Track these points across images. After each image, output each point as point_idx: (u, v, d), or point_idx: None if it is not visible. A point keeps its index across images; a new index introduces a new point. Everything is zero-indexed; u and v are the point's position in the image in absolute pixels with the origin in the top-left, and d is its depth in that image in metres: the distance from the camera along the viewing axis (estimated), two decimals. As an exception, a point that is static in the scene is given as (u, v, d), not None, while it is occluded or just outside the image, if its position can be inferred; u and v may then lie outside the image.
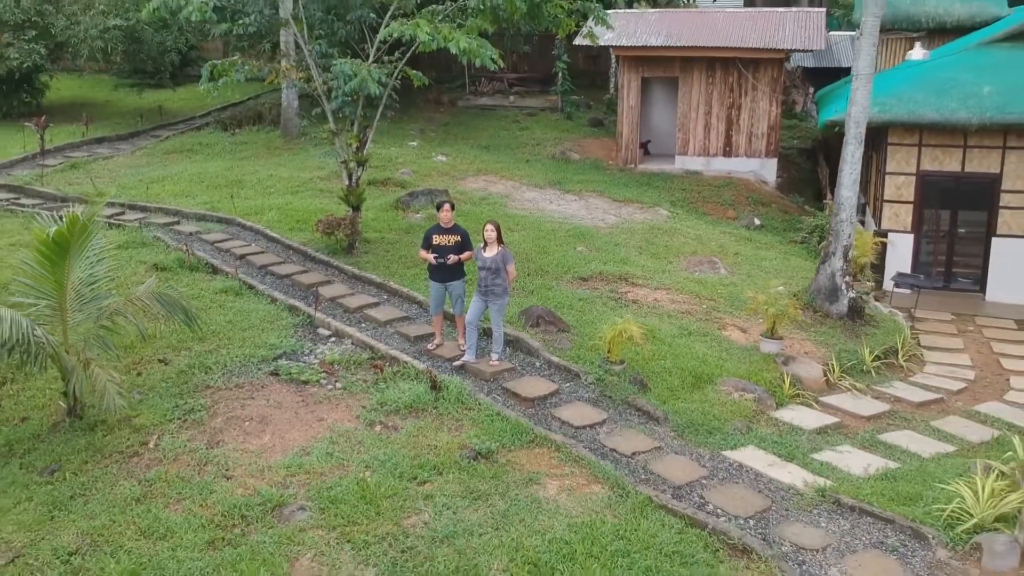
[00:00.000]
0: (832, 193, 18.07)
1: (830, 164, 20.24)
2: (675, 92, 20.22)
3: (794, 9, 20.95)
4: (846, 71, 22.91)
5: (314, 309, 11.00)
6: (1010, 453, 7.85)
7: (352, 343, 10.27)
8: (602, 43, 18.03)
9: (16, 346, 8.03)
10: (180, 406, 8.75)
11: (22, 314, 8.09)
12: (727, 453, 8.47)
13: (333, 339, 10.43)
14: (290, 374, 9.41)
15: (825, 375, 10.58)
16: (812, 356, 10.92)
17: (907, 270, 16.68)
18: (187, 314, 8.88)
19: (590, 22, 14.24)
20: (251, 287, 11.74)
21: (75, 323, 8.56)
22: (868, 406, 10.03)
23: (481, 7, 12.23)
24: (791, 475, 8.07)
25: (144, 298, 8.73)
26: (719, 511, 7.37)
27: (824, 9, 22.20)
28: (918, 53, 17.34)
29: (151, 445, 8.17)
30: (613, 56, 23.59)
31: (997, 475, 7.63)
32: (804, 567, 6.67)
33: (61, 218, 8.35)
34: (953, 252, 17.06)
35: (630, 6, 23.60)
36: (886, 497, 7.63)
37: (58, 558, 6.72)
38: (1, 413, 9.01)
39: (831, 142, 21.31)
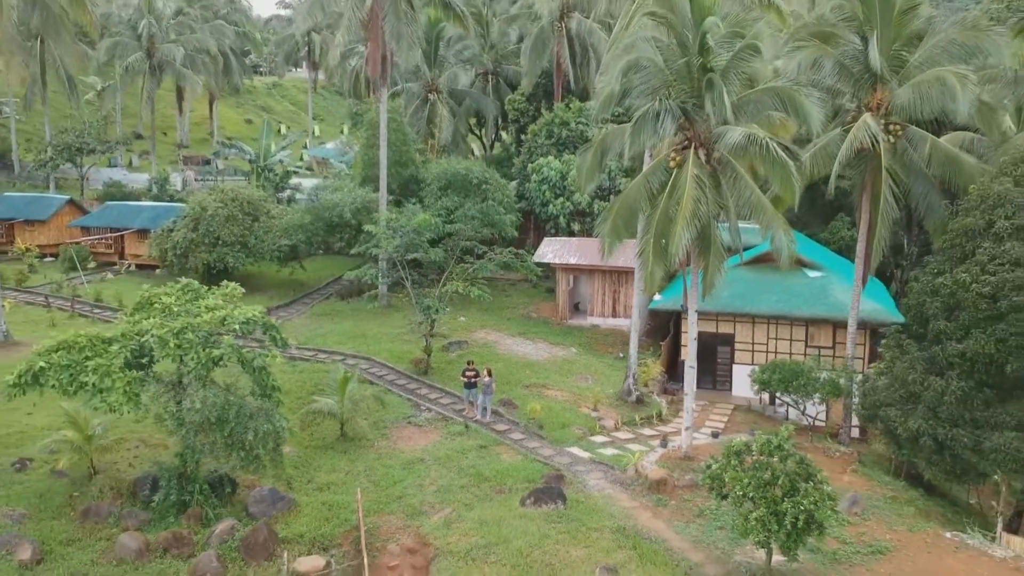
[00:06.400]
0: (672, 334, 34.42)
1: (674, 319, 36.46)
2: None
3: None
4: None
5: (418, 400, 27.22)
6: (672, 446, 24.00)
7: (434, 413, 26.38)
8: (545, 260, 35.01)
9: (329, 414, 24.29)
10: (380, 432, 24.86)
11: (331, 402, 24.36)
12: (566, 448, 24.35)
13: (426, 411, 26.56)
14: (415, 423, 25.56)
15: (616, 425, 26.58)
16: (612, 418, 26.96)
17: (695, 383, 32.73)
18: (382, 402, 25.16)
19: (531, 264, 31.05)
20: (389, 390, 27.93)
21: (345, 405, 24.72)
22: (627, 436, 25.94)
23: (483, 270, 28.92)
24: (584, 455, 23.92)
25: (368, 396, 25.03)
26: (556, 463, 23.26)
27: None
28: (658, 297, 33.86)
29: (375, 444, 24.27)
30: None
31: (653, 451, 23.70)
32: (575, 472, 22.54)
33: (338, 366, 24.74)
34: (717, 371, 33.23)
35: (569, 225, 40.45)
36: (610, 458, 23.53)
37: (362, 472, 22.71)
38: (313, 435, 25.04)
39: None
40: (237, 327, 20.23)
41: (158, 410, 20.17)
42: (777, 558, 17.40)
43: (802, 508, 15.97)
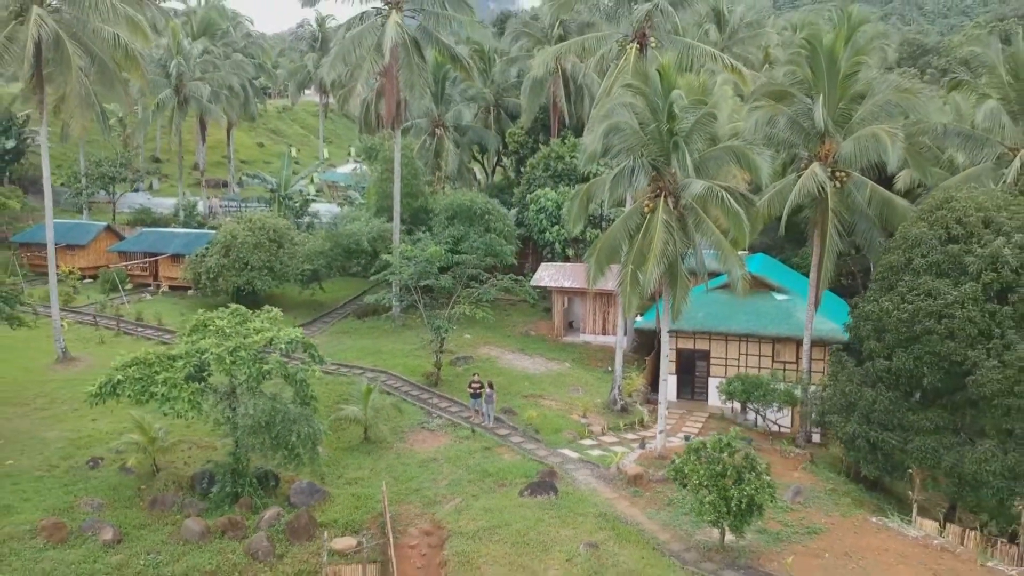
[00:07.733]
0: (654, 348, 38.30)
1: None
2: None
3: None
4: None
5: (430, 409, 31.06)
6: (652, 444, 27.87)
7: (444, 419, 30.21)
8: (542, 284, 38.93)
9: (354, 420, 28.15)
10: (398, 436, 28.69)
11: (356, 409, 28.22)
12: (559, 449, 28.13)
13: (438, 418, 30.37)
14: (428, 428, 29.38)
15: (602, 430, 30.38)
16: (599, 424, 30.77)
17: (675, 395, 36.56)
18: (400, 409, 28.99)
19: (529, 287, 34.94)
20: (404, 400, 31.76)
21: (368, 412, 28.55)
22: (612, 439, 29.74)
23: (487, 295, 32.81)
24: (574, 455, 27.73)
25: (387, 404, 28.87)
26: (550, 462, 27.06)
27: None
28: (639, 318, 37.79)
29: (394, 446, 28.10)
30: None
31: (630, 451, 27.56)
32: (565, 469, 26.36)
33: (361, 379, 28.62)
34: (695, 383, 37.05)
35: (564, 251, 44.34)
36: (596, 458, 27.34)
37: (384, 470, 26.51)
38: (341, 438, 28.86)
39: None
40: (283, 347, 24.08)
41: (216, 416, 24.01)
42: (729, 537, 21.19)
43: (745, 494, 19.79)
